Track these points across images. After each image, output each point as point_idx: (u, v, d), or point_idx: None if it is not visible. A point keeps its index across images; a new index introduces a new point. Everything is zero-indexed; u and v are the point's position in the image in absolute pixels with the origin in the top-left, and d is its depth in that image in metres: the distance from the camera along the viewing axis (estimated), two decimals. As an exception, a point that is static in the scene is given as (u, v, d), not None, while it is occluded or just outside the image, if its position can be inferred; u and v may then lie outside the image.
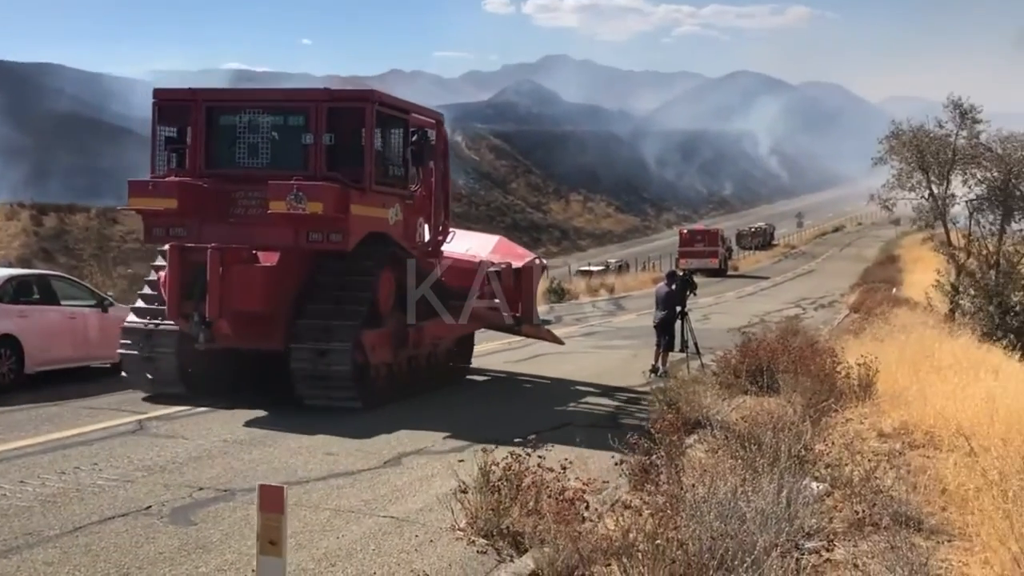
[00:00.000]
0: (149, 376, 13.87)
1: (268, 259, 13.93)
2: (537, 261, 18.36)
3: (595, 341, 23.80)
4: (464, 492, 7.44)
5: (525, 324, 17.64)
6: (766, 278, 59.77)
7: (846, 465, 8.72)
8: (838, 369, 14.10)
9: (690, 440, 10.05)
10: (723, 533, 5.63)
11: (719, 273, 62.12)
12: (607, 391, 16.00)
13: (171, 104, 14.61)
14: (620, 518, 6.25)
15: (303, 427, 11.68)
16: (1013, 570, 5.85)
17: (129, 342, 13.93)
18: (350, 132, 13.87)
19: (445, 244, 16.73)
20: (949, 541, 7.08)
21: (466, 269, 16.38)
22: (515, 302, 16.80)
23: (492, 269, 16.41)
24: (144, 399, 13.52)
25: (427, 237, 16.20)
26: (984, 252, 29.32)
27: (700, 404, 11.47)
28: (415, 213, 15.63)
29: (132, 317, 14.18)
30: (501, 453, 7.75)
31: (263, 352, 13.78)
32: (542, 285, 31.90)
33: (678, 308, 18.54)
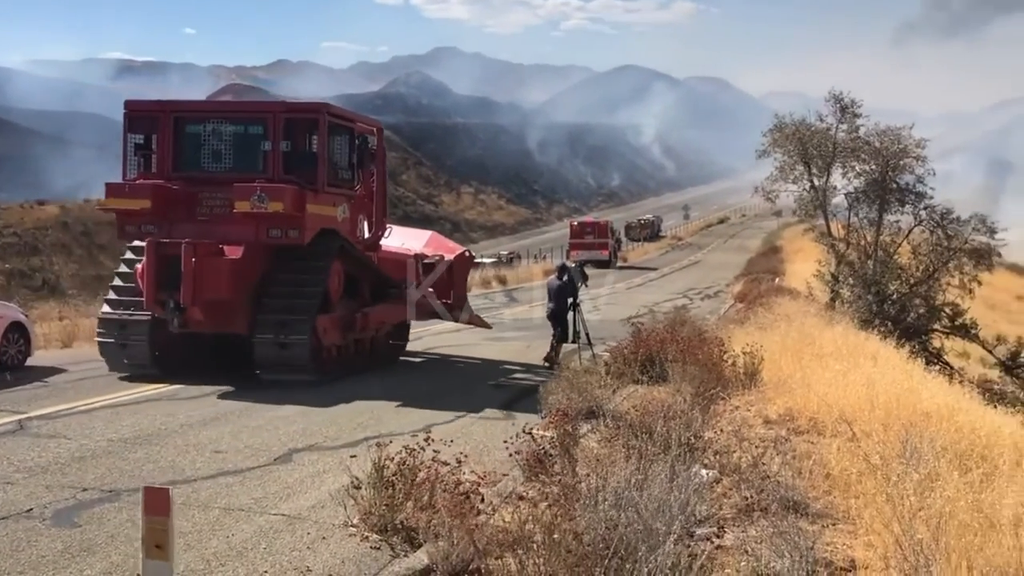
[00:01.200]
0: (125, 361, 15.23)
1: (233, 252, 15.19)
2: (467, 254, 20.38)
3: (489, 333, 23.79)
4: (357, 488, 7.38)
5: (457, 311, 19.50)
6: (654, 269, 60.67)
7: (734, 452, 8.91)
8: (725, 358, 14.38)
9: (584, 430, 10.13)
10: (618, 522, 5.69)
11: (609, 265, 62.85)
12: (501, 383, 16.05)
13: (140, 114, 16.32)
14: (516, 510, 6.28)
15: (191, 425, 11.44)
16: (895, 551, 6.04)
17: (104, 331, 15.38)
18: (304, 140, 16.08)
19: (383, 239, 18.64)
20: (834, 525, 7.29)
21: (402, 261, 18.35)
22: (447, 291, 19.09)
23: (427, 261, 18.69)
24: (28, 401, 13.07)
25: (367, 233, 18.01)
26: (862, 243, 30.23)
27: (593, 394, 11.57)
28: (358, 211, 17.48)
29: (106, 308, 15.65)
30: (395, 447, 7.70)
31: (228, 335, 15.43)
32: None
33: (570, 300, 18.69)
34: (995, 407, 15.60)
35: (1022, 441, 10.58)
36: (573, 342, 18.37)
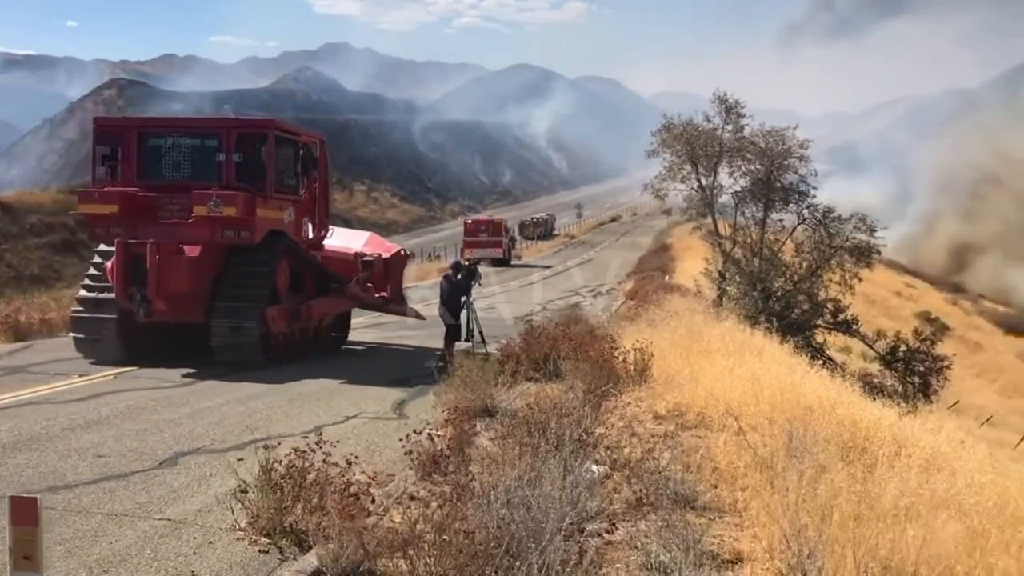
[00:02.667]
0: (95, 347, 17.00)
1: (192, 251, 17.24)
2: (403, 252, 22.75)
3: (380, 332, 23.67)
4: (244, 492, 7.25)
5: (393, 304, 22.01)
6: (548, 267, 61.04)
7: (625, 447, 9.01)
8: (616, 355, 14.52)
9: (477, 428, 10.12)
10: (509, 520, 5.70)
11: (503, 263, 62.99)
12: (394, 382, 15.92)
13: (107, 129, 18.63)
14: (407, 510, 6.23)
15: (72, 429, 11.08)
16: (780, 543, 6.18)
17: (77, 322, 17.43)
18: (254, 151, 17.80)
19: (326, 239, 20.87)
20: (721, 517, 7.42)
21: (344, 259, 20.77)
22: (384, 286, 21.48)
23: (366, 259, 20.82)
24: None
25: (311, 233, 20.07)
26: (748, 241, 30.88)
27: (486, 393, 11.58)
28: (303, 214, 19.52)
29: (78, 301, 17.78)
30: (285, 449, 7.58)
31: (187, 324, 17.23)
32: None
33: (463, 298, 18.68)
34: (875, 400, 16.08)
35: (901, 433, 10.93)
36: (467, 340, 18.36)
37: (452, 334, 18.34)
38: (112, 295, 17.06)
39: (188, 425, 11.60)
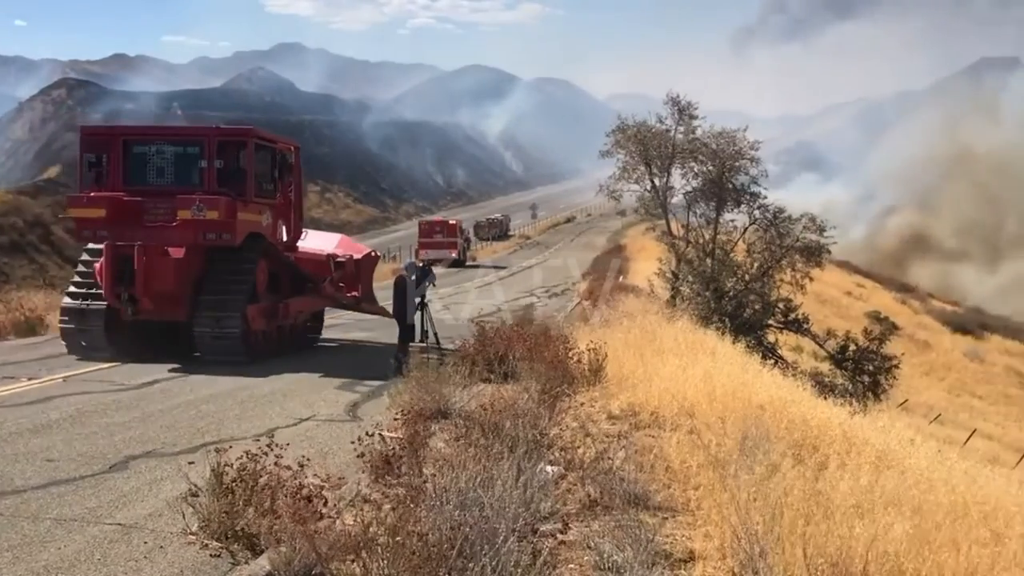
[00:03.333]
0: (83, 344, 17.87)
1: (176, 253, 18.12)
2: (373, 254, 23.87)
3: (335, 333, 23.54)
4: (195, 496, 7.17)
5: (364, 303, 22.95)
6: (503, 268, 61.06)
7: (579, 448, 9.04)
8: (570, 355, 14.56)
9: (432, 430, 10.09)
10: (463, 522, 5.69)
11: (458, 264, 62.92)
12: (348, 384, 15.84)
13: (94, 137, 19.43)
14: (360, 513, 6.20)
15: (20, 433, 10.91)
16: (732, 541, 6.22)
17: (67, 318, 18.16)
18: (234, 158, 18.63)
19: (300, 241, 21.72)
20: (674, 516, 7.46)
21: (317, 260, 21.63)
22: (356, 286, 22.40)
23: (338, 260, 21.78)
24: None
25: (286, 236, 20.89)
26: (701, 241, 31.11)
27: (441, 394, 11.55)
28: (279, 217, 20.34)
29: (67, 299, 18.48)
30: (236, 452, 7.51)
31: (171, 322, 18.27)
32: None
33: (418, 299, 18.63)
34: (825, 399, 16.26)
35: (851, 431, 11.07)
36: (421, 342, 18.32)
37: (406, 335, 18.28)
38: (100, 294, 18.00)
39: (138, 429, 11.46)
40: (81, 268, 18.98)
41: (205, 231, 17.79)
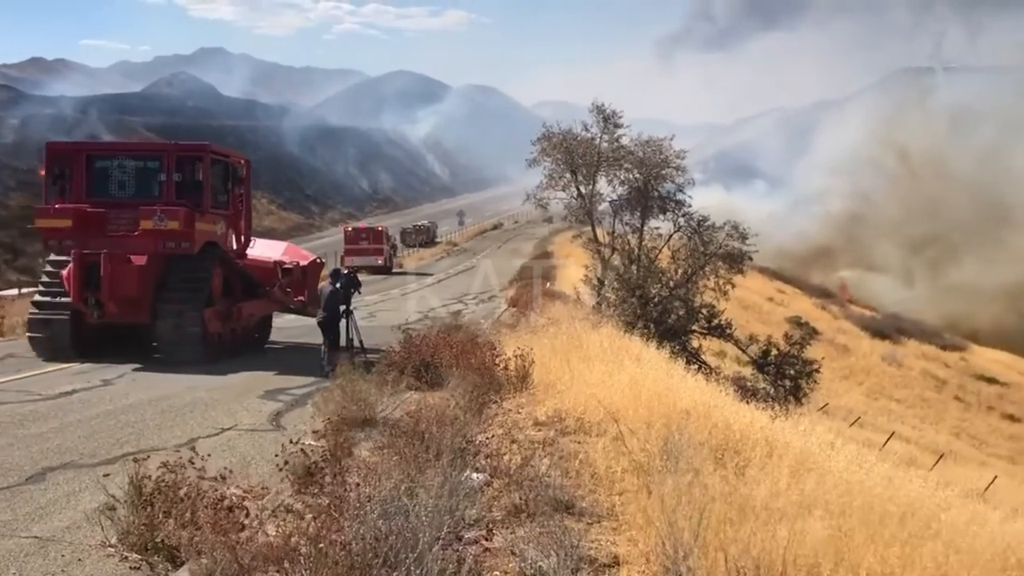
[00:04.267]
0: (49, 345, 18.90)
1: (139, 260, 19.24)
2: (318, 260, 24.98)
3: (278, 336, 23.31)
4: (113, 508, 7.03)
5: (311, 307, 22.92)
6: (430, 275, 60.89)
7: (505, 454, 9.03)
8: (497, 362, 14.56)
9: (356, 438, 10.01)
10: (387, 531, 5.65)
11: (385, 271, 62.56)
12: (272, 393, 15.65)
13: (59, 152, 20.57)
14: (282, 523, 6.12)
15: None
16: (657, 545, 6.27)
17: (34, 322, 19.32)
18: (191, 171, 20.04)
19: (249, 249, 22.94)
20: (599, 522, 7.48)
21: (265, 267, 22.73)
22: (302, 291, 23.32)
23: (285, 266, 22.91)
24: None
25: (237, 244, 22.17)
26: (627, 248, 31.33)
27: (366, 402, 11.47)
28: (230, 227, 21.65)
29: (34, 304, 19.69)
30: (156, 463, 7.37)
31: (134, 325, 19.40)
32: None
33: (343, 306, 18.49)
34: (748, 403, 16.47)
35: (773, 435, 11.22)
36: (347, 350, 18.18)
37: (332, 343, 18.12)
38: (66, 299, 19.11)
39: (56, 439, 11.20)
40: (46, 276, 20.10)
41: (166, 240, 19.11)
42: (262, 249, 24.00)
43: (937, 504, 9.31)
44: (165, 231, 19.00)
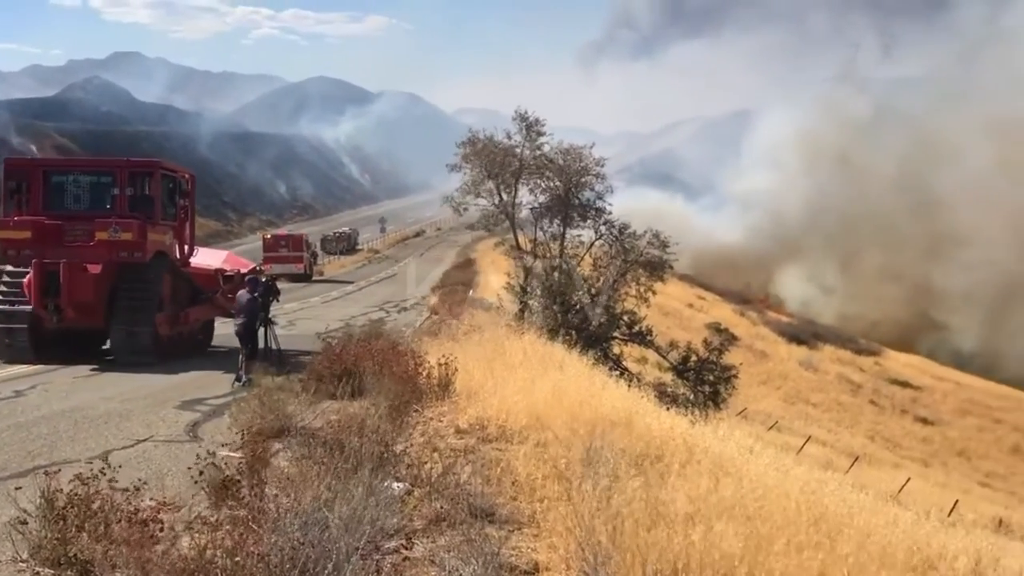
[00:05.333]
0: (9, 349, 20.09)
1: (95, 269, 20.29)
2: (258, 268, 26.27)
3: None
4: (24, 523, 6.83)
5: None
6: (351, 282, 60.47)
7: (426, 463, 8.99)
8: (419, 370, 14.50)
9: (275, 449, 9.88)
10: (305, 542, 5.58)
11: (305, 278, 61.95)
12: (189, 403, 15.37)
13: (16, 168, 22.23)
14: (197, 536, 6.02)
15: None
16: (576, 551, 6.30)
17: None
18: (142, 186, 21.56)
19: (192, 257, 24.24)
20: (520, 529, 7.50)
21: (208, 275, 23.82)
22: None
23: (227, 274, 23.94)
24: None
25: (181, 253, 23.42)
26: (548, 255, 31.47)
27: (285, 412, 11.33)
28: (176, 237, 23.03)
29: None
30: (70, 475, 7.19)
31: (89, 329, 20.71)
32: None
33: (261, 315, 18.27)
34: (668, 409, 16.65)
35: (692, 441, 11.36)
36: (265, 359, 17.95)
37: (250, 352, 17.88)
38: (26, 306, 20.11)
39: (-38, 454, 10.86)
40: (3, 285, 20.93)
41: (120, 250, 20.38)
42: (204, 257, 25.32)
43: (851, 507, 9.50)
44: (119, 241, 20.27)
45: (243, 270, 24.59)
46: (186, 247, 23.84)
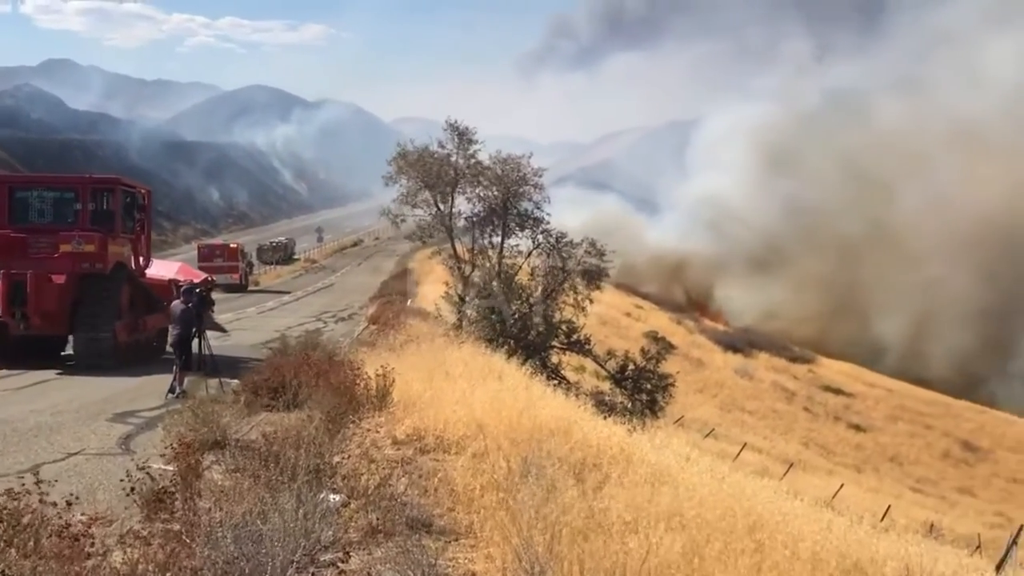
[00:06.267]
0: None
1: (59, 279, 21.36)
2: (210, 279, 26.88)
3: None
4: (-53, 540, 6.66)
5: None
6: (288, 292, 59.98)
7: (362, 475, 8.93)
8: (357, 381, 14.39)
9: (209, 461, 9.75)
10: (238, 555, 5.52)
11: (240, 288, 61.29)
12: (121, 415, 15.10)
13: None
14: (129, 550, 5.91)
15: None
16: (513, 561, 6.30)
17: None
18: (102, 201, 22.98)
19: (148, 269, 25.22)
20: (457, 540, 7.48)
21: (162, 285, 24.27)
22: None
23: (179, 284, 23.12)
24: None
25: (137, 264, 24.42)
26: (487, 265, 31.50)
27: (218, 424, 11.18)
28: (134, 249, 24.14)
29: None
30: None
31: (53, 336, 21.99)
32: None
33: (195, 326, 18.04)
34: (606, 417, 16.74)
35: (629, 449, 11.43)
36: (199, 370, 17.72)
37: (184, 364, 17.63)
38: None
39: None
40: None
41: (82, 261, 21.59)
42: (158, 268, 26.38)
43: (785, 513, 9.62)
44: (82, 253, 21.55)
45: (196, 280, 24.81)
46: (142, 259, 24.85)
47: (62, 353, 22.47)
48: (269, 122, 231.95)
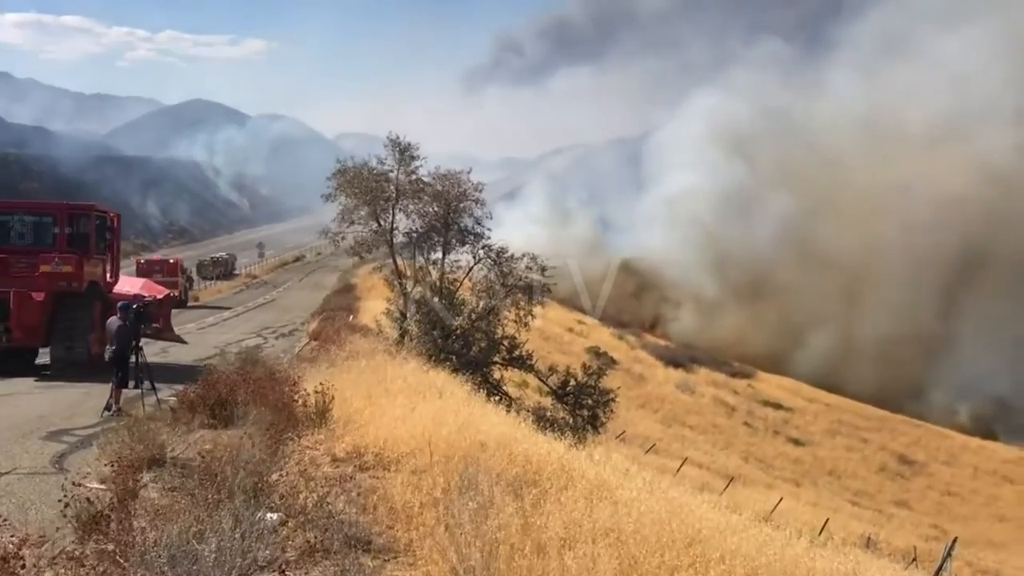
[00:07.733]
0: None
1: (39, 296, 23.24)
2: (172, 294, 29.85)
3: (43, 379, 22.14)
4: None
5: (165, 332, 28.24)
6: (228, 308, 59.33)
7: (300, 493, 8.88)
8: (296, 398, 14.30)
9: (145, 480, 9.62)
10: (174, 575, 5.47)
11: (180, 304, 60.49)
12: (55, 433, 14.83)
13: None
14: (63, 572, 5.83)
15: None
16: (451, 578, 6.31)
17: None
18: (77, 225, 25.11)
19: (116, 285, 26.72)
20: (395, 558, 7.47)
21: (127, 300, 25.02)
22: (158, 320, 26.89)
23: (146, 299, 24.64)
24: None
25: (106, 282, 26.07)
26: (429, 280, 31.41)
27: (155, 442, 11.04)
28: (104, 268, 26.07)
29: None
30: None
31: (31, 348, 24.22)
32: None
33: (133, 342, 17.79)
34: (547, 433, 16.79)
35: (569, 464, 11.48)
36: (136, 387, 17.48)
37: (120, 381, 17.38)
38: None
39: None
40: None
41: (60, 280, 23.59)
42: (125, 284, 27.93)
43: (724, 528, 9.72)
44: (60, 273, 23.59)
45: (159, 295, 27.87)
46: (110, 276, 26.67)
47: (36, 363, 24.36)
48: (210, 136, 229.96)
